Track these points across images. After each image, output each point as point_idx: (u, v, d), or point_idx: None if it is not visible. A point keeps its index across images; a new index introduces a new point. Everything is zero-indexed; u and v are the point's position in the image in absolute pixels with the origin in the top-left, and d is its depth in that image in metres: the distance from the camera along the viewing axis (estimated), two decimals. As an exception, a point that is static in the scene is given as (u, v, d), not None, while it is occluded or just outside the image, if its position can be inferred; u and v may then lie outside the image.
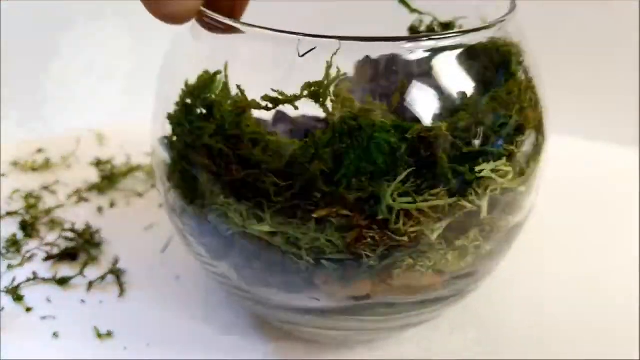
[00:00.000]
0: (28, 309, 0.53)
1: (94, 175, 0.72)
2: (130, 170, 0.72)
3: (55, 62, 0.85)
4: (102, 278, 0.56)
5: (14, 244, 0.60)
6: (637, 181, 0.74)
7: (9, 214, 0.65)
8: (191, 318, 0.52)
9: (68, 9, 0.82)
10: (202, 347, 0.50)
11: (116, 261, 0.58)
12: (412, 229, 0.39)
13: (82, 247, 0.60)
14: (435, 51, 0.39)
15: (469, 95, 0.40)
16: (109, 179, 0.70)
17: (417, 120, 0.39)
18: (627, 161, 0.79)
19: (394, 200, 0.38)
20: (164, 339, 0.50)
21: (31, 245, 0.60)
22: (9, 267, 0.58)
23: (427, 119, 0.39)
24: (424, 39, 0.42)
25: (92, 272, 0.56)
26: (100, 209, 0.67)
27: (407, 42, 0.40)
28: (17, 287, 0.55)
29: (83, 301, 0.54)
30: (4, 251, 0.59)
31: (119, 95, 0.84)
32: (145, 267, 0.58)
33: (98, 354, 0.49)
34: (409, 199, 0.38)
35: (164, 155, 0.45)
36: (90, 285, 0.55)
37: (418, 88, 0.39)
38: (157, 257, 0.59)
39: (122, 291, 0.55)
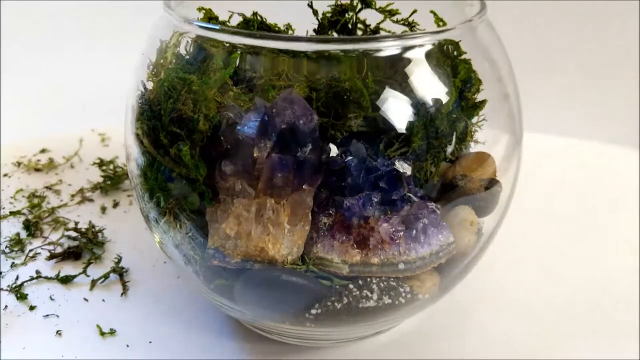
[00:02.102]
0: (31, 307, 0.53)
1: (97, 176, 0.72)
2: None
3: (59, 62, 0.85)
4: (105, 277, 0.56)
5: (17, 243, 0.61)
6: (637, 181, 0.74)
7: (13, 213, 0.65)
8: (193, 316, 0.53)
9: (71, 9, 0.83)
10: (204, 345, 0.50)
11: (119, 260, 0.58)
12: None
13: (85, 247, 0.60)
14: (404, 50, 0.40)
15: (438, 98, 0.41)
16: (112, 179, 0.71)
17: (389, 125, 0.40)
18: (627, 161, 0.79)
19: None
20: (166, 336, 0.51)
21: (34, 244, 0.61)
22: (13, 265, 0.58)
23: (400, 125, 0.40)
24: (392, 38, 0.42)
25: (95, 271, 0.57)
26: (103, 209, 0.67)
27: (374, 41, 0.41)
28: (21, 285, 0.55)
29: (86, 299, 0.54)
30: (7, 250, 0.60)
31: (122, 96, 0.84)
32: (148, 266, 0.58)
33: (101, 351, 0.49)
34: None
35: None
36: (93, 283, 0.56)
37: (390, 93, 0.40)
38: (160, 256, 0.59)
39: (124, 290, 0.55)
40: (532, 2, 0.86)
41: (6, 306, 0.53)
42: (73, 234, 0.62)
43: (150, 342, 0.50)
